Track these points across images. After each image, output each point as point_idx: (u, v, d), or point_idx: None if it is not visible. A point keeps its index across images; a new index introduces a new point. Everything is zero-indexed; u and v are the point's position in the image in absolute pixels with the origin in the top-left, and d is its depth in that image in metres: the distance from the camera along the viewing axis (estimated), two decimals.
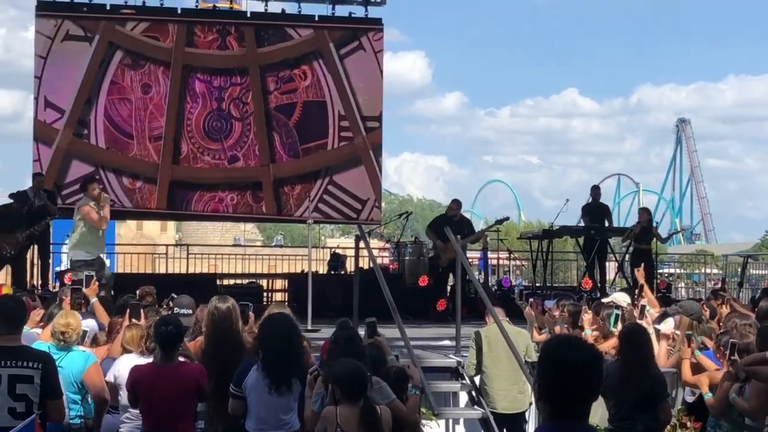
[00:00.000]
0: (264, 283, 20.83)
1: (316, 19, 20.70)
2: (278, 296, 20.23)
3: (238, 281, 21.13)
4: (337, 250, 22.91)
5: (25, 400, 6.37)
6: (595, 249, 18.68)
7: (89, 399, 7.74)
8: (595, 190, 19.83)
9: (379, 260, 15.65)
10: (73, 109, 19.48)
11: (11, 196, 16.59)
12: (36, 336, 8.49)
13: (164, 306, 10.12)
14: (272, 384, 6.84)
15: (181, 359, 7.26)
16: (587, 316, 10.54)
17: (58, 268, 18.74)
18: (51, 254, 18.06)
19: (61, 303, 9.52)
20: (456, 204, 18.28)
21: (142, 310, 8.68)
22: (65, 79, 19.52)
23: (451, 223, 16.75)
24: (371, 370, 6.92)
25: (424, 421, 8.47)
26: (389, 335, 8.29)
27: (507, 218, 19.66)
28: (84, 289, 10.22)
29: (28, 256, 16.99)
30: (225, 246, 35.98)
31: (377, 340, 7.93)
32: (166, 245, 29.05)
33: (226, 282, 20.18)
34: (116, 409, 7.69)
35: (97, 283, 10.75)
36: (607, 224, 19.47)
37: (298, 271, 21.47)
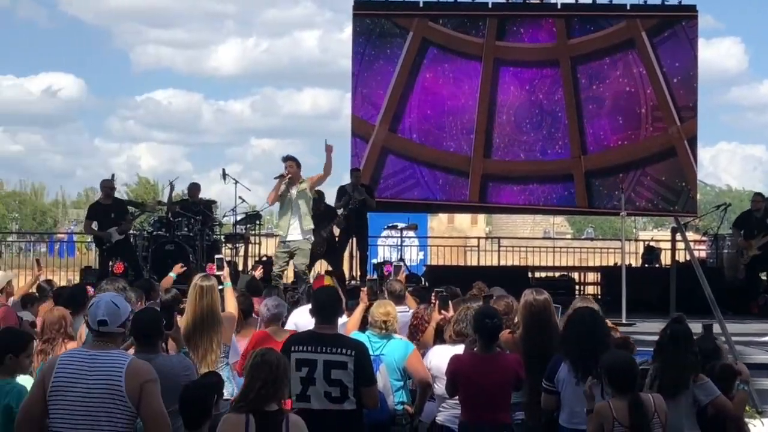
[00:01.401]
0: (576, 276, 20.69)
1: (628, 8, 20.34)
2: (590, 289, 20.03)
3: (549, 274, 21.08)
4: (651, 243, 22.43)
5: (340, 386, 6.63)
6: None
7: (408, 386, 7.94)
8: None
9: (695, 253, 15.14)
10: (388, 104, 20.05)
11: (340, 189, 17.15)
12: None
13: None
14: (578, 376, 6.82)
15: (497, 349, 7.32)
16: None
17: (374, 260, 19.38)
18: (368, 246, 18.66)
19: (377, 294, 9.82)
20: (759, 197, 17.51)
21: (450, 302, 8.80)
22: (380, 75, 20.15)
23: (753, 217, 16.14)
24: (700, 366, 6.76)
25: (747, 420, 8.14)
26: None
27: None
28: (399, 278, 10.60)
29: (347, 248, 17.67)
30: (535, 239, 35.89)
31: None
32: (477, 238, 29.40)
33: (537, 275, 20.18)
34: (431, 397, 7.86)
35: (405, 273, 11.05)
36: None
37: (610, 264, 21.18)
